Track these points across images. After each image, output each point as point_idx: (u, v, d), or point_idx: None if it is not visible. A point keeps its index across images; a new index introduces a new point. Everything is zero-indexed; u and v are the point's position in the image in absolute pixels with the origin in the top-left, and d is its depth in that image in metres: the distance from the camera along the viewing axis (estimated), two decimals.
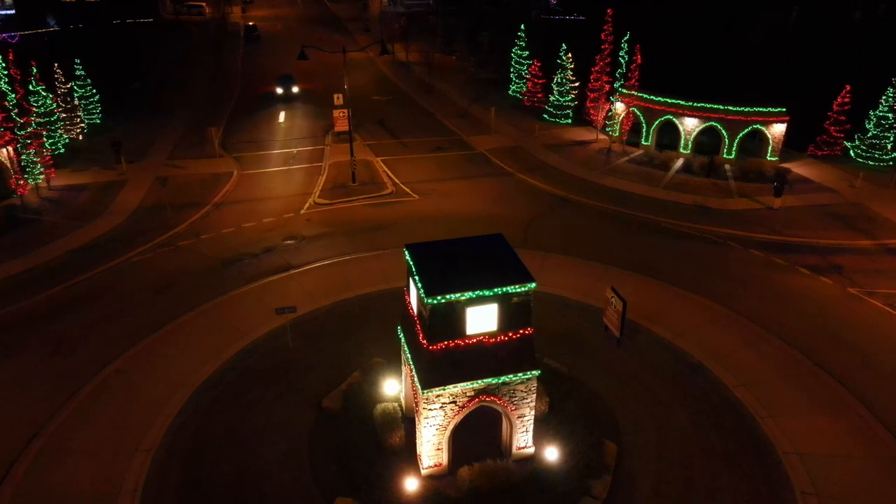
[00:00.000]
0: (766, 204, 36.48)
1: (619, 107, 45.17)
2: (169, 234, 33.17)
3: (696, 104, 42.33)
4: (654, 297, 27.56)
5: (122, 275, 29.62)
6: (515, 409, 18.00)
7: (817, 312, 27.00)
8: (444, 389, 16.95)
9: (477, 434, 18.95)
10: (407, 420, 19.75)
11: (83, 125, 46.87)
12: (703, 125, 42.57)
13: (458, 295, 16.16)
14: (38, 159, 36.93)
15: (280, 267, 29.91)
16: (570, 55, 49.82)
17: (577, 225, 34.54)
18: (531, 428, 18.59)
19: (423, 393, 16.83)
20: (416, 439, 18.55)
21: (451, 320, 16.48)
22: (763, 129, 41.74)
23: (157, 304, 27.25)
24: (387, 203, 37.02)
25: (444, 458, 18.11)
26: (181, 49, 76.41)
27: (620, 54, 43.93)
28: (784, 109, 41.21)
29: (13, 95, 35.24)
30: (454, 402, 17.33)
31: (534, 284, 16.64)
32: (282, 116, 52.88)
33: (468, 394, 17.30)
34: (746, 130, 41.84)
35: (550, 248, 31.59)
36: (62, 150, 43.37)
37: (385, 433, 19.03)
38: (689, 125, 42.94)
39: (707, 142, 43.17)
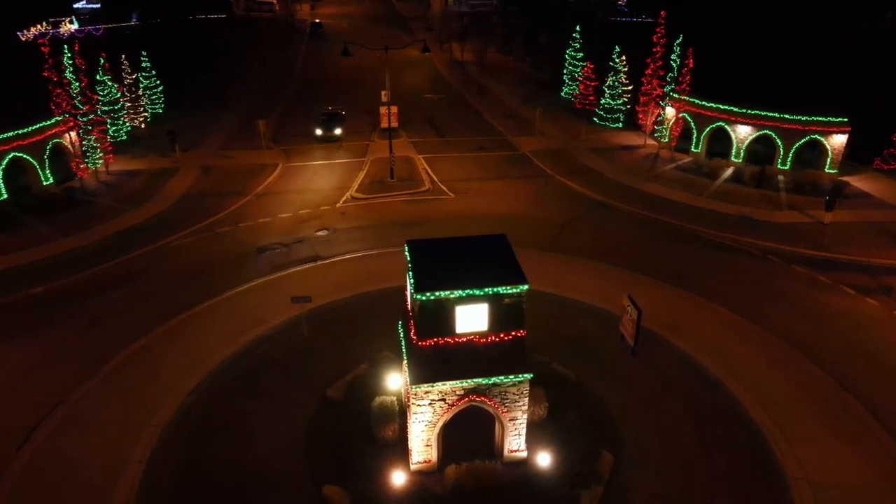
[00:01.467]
0: (817, 218, 34.62)
1: (669, 112, 43.87)
2: (209, 220, 34.54)
3: (749, 111, 40.59)
4: (679, 308, 26.68)
5: (162, 257, 31.04)
6: (507, 412, 17.84)
7: (857, 335, 25.45)
8: (432, 386, 16.99)
9: (473, 434, 18.83)
10: (403, 414, 19.83)
11: (146, 114, 49.38)
12: (757, 133, 40.80)
13: (447, 293, 16.17)
14: (99, 145, 39.15)
15: (309, 258, 30.63)
16: (623, 57, 48.80)
17: (610, 230, 33.80)
18: (524, 432, 18.38)
19: (411, 388, 16.93)
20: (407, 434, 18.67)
21: (440, 318, 16.51)
22: (822, 139, 39.64)
23: (189, 287, 28.40)
24: (422, 200, 37.28)
25: (433, 455, 18.14)
26: (248, 45, 79.09)
27: (672, 57, 42.67)
28: (846, 119, 39.01)
29: (77, 84, 37.45)
30: (443, 400, 17.34)
31: (526, 286, 16.47)
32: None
33: (458, 392, 17.27)
34: (803, 140, 39.82)
35: (580, 253, 31.04)
36: (125, 137, 45.85)
37: (379, 426, 19.22)
38: (742, 133, 41.24)
39: (762, 151, 41.34)
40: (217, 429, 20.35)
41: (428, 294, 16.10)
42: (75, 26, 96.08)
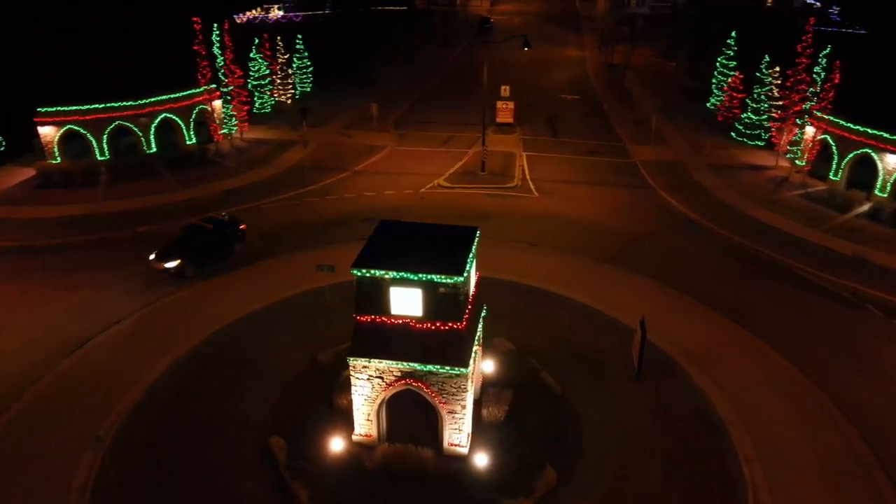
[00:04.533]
0: None
1: (809, 131, 38.86)
2: (303, 190, 37.52)
3: None
4: (719, 344, 24.05)
5: (250, 217, 34.27)
6: (445, 404, 17.69)
7: None
8: (369, 362, 17.43)
9: (429, 421, 18.92)
10: None
11: (294, 91, 54.46)
12: None
13: (382, 272, 16.49)
14: (235, 114, 44.19)
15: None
16: (776, 69, 44.06)
17: (688, 251, 31.10)
18: (465, 428, 18.09)
19: (349, 360, 17.53)
20: None
21: (376, 296, 16.88)
22: None
23: (259, 245, 31.26)
24: (504, 195, 37.13)
25: (373, 431, 18.56)
26: (417, 36, 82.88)
27: (816, 70, 37.71)
28: None
29: (222, 59, 42.55)
30: (381, 378, 17.69)
31: (460, 279, 16.20)
32: (459, 104, 55.06)
33: (394, 373, 17.51)
34: None
35: (642, 269, 29.05)
36: (269, 110, 51.08)
37: (339, 394, 20.03)
38: (892, 163, 35.33)
39: None
40: (214, 371, 22.44)
41: (363, 270, 16.56)
42: (281, 13, 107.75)
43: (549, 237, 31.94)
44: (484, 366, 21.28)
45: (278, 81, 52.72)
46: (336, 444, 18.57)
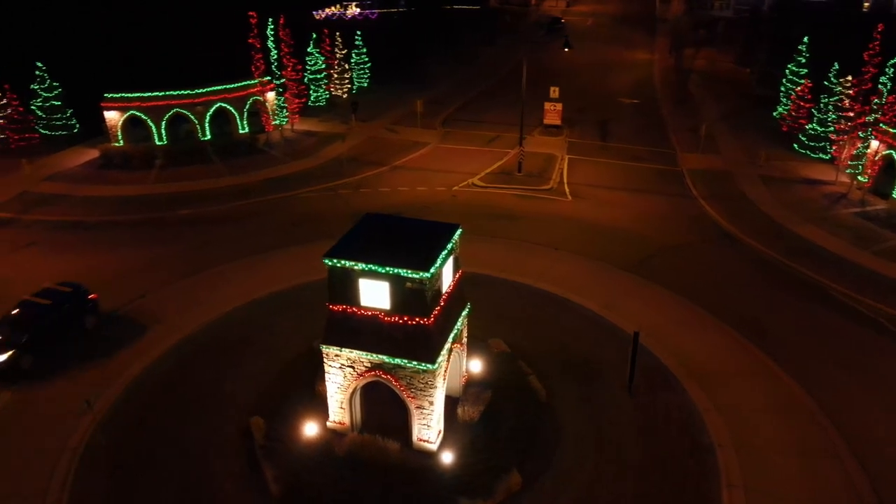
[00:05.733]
0: None
1: (874, 145, 36.22)
2: (339, 181, 38.42)
3: None
4: (728, 362, 22.93)
5: (284, 204, 35.62)
6: (413, 398, 17.79)
7: None
8: (340, 350, 17.77)
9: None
10: None
11: (350, 85, 55.71)
12: None
13: (352, 263, 16.76)
14: (286, 106, 45.70)
15: None
16: (849, 77, 41.26)
17: (716, 264, 29.73)
18: (434, 424, 18.11)
19: (321, 347, 17.93)
20: None
21: (346, 286, 17.17)
22: None
23: (287, 232, 32.31)
24: (536, 197, 36.66)
25: (346, 419, 18.89)
26: (484, 35, 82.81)
27: (882, 80, 35.08)
28: None
29: (275, 53, 44.11)
30: (352, 367, 17.98)
31: (426, 275, 16.22)
32: (510, 103, 54.60)
33: (364, 364, 17.76)
34: None
35: (662, 280, 28.05)
36: (323, 103, 52.51)
37: (318, 381, 20.45)
38: None
39: None
40: (215, 350, 23.45)
41: (335, 260, 16.89)
42: (358, 10, 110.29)
43: (574, 242, 31.33)
44: (471, 365, 21.22)
45: (335, 76, 54.07)
46: (310, 429, 19.03)
